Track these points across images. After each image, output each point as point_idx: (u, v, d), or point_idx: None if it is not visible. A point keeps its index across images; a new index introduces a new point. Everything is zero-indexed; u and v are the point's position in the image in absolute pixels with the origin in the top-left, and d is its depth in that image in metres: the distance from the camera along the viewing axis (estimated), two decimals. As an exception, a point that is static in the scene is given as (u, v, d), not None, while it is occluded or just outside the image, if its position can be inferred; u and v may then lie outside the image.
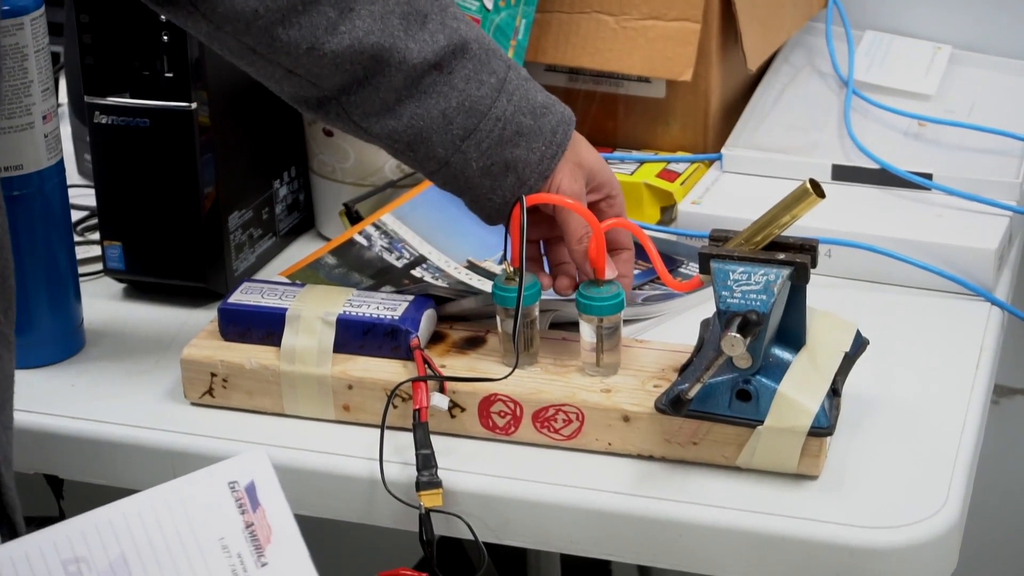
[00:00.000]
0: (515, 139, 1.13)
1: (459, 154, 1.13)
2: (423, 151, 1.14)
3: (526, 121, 1.14)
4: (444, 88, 1.12)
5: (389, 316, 1.17)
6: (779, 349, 1.09)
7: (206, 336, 1.21)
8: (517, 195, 1.14)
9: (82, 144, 1.54)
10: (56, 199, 1.24)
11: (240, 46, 1.11)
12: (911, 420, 1.16)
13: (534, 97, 1.15)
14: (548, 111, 1.15)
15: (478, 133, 1.13)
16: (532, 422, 1.13)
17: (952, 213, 1.38)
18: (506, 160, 1.14)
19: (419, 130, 1.13)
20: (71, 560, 0.85)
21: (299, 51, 1.09)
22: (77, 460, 1.19)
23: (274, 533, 0.88)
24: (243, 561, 0.87)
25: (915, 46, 1.61)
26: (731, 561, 1.07)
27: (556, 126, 1.15)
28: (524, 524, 1.11)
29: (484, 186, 1.15)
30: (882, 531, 1.05)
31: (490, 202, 1.15)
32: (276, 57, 1.10)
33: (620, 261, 1.17)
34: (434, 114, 1.12)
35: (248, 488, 0.89)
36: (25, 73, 1.19)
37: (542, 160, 1.14)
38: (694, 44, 1.43)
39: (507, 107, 1.13)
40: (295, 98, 1.15)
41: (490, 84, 1.13)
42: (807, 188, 1.06)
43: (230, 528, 0.87)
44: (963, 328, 1.28)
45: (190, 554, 0.86)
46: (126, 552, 0.86)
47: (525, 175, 1.14)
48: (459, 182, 1.15)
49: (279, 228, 1.42)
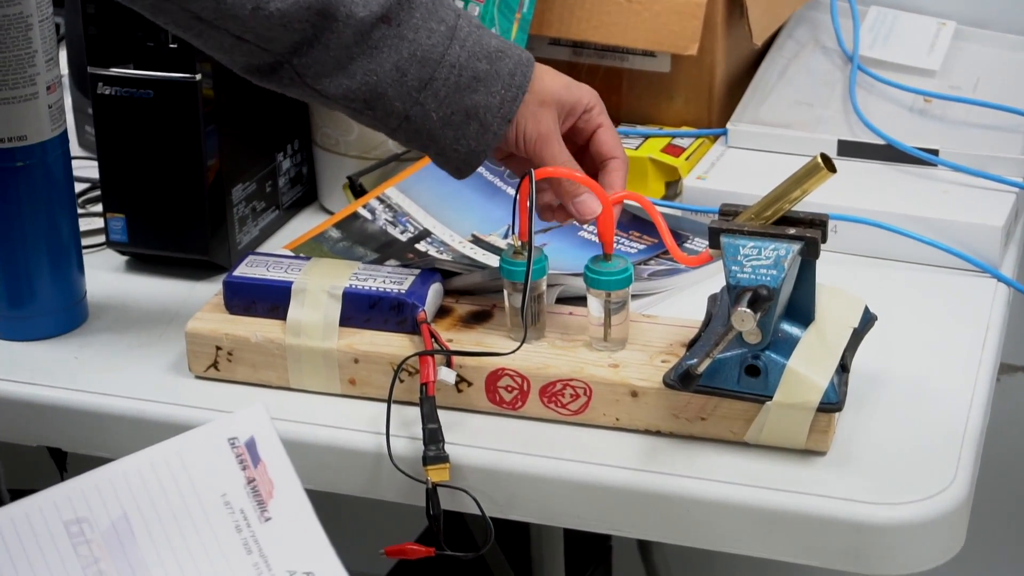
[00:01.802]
0: (473, 85, 1.12)
1: (417, 106, 1.12)
2: (381, 108, 1.13)
3: (482, 66, 1.13)
4: (394, 40, 1.11)
5: (395, 290, 1.16)
6: (788, 325, 1.09)
7: (211, 309, 1.20)
8: (482, 143, 1.13)
9: (82, 116, 1.53)
10: (59, 170, 1.23)
11: (186, 15, 1.09)
12: (919, 397, 1.15)
13: (488, 42, 1.14)
14: (504, 55, 1.14)
15: (434, 83, 1.12)
16: (539, 397, 1.13)
17: (958, 189, 1.37)
18: (466, 107, 1.13)
19: (373, 86, 1.12)
20: (72, 520, 0.85)
21: (244, 12, 1.08)
22: (81, 433, 1.19)
23: (276, 488, 0.88)
24: (246, 516, 0.87)
25: (920, 21, 1.61)
26: (738, 537, 1.07)
27: (514, 68, 1.13)
28: (530, 499, 1.10)
29: (447, 136, 1.13)
30: (890, 507, 1.04)
31: (456, 153, 1.14)
32: (223, 23, 1.09)
33: (609, 171, 1.16)
34: (387, 67, 1.11)
35: (248, 444, 0.89)
36: (29, 43, 1.18)
37: (503, 104, 1.13)
38: (699, 18, 1.43)
39: (460, 53, 1.12)
40: (247, 68, 1.14)
41: (440, 32, 1.12)
42: (818, 162, 1.06)
43: (232, 484, 0.87)
44: (969, 305, 1.27)
45: (192, 511, 0.86)
46: (128, 511, 0.85)
47: (487, 120, 1.13)
48: (422, 136, 1.14)
49: (282, 201, 1.41)
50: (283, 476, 0.88)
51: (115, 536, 0.84)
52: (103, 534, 0.84)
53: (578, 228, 1.34)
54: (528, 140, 1.14)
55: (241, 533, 0.86)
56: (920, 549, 1.05)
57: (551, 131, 1.15)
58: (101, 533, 0.84)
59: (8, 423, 1.19)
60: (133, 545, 0.84)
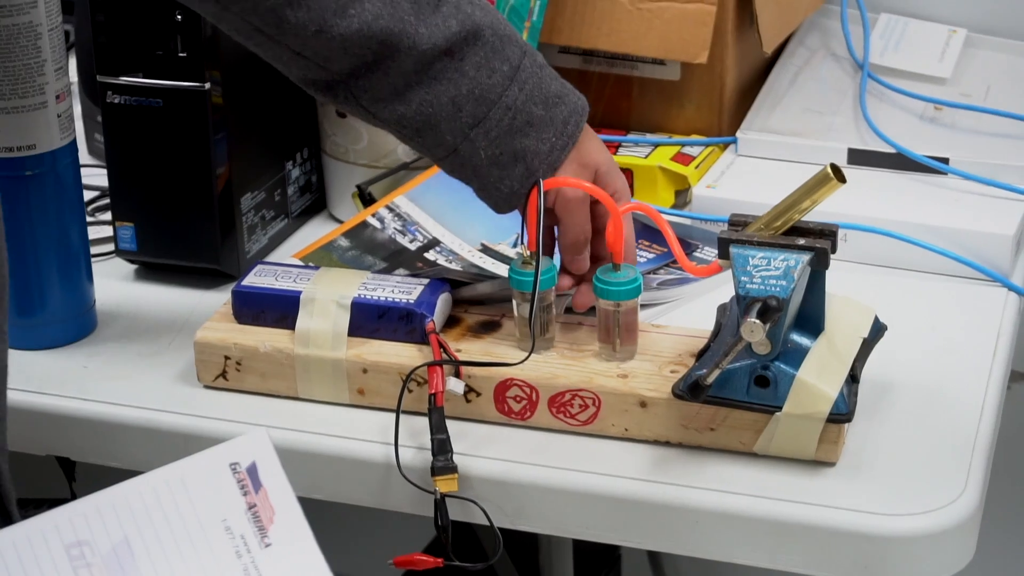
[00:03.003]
0: (525, 129, 1.12)
1: (467, 142, 1.12)
2: (431, 137, 1.13)
3: (537, 111, 1.13)
4: (454, 75, 1.11)
5: (404, 299, 1.16)
6: (798, 335, 1.09)
7: (219, 318, 1.20)
8: (526, 185, 1.13)
9: (92, 124, 1.53)
10: (69, 179, 1.23)
11: (247, 26, 1.10)
12: (929, 406, 1.15)
13: (548, 86, 1.14)
14: (561, 101, 1.14)
15: (487, 122, 1.12)
16: (548, 407, 1.13)
17: (969, 198, 1.37)
18: (515, 150, 1.13)
19: (428, 116, 1.12)
20: (74, 543, 0.84)
21: (307, 33, 1.08)
22: (89, 442, 1.19)
23: (277, 514, 0.88)
24: (246, 542, 0.87)
25: (930, 29, 1.60)
26: (748, 548, 1.07)
27: (568, 116, 1.14)
28: (539, 510, 1.10)
29: (492, 175, 1.14)
30: (901, 518, 1.04)
31: (498, 191, 1.14)
32: (284, 39, 1.09)
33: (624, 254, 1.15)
34: (443, 100, 1.11)
35: (250, 469, 0.89)
36: (39, 52, 1.18)
37: (552, 151, 1.13)
38: (710, 26, 1.42)
39: (519, 96, 1.12)
40: (304, 80, 1.14)
41: (502, 72, 1.12)
42: (828, 173, 1.06)
43: (233, 510, 0.87)
44: (980, 314, 1.27)
45: (193, 536, 0.86)
46: (128, 534, 0.85)
47: (534, 166, 1.13)
48: (467, 170, 1.14)
49: (291, 210, 1.41)
50: (284, 502, 0.88)
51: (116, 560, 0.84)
52: (104, 557, 0.84)
53: (587, 237, 1.33)
54: (561, 196, 1.14)
55: (241, 559, 0.86)
56: (930, 560, 1.05)
57: (584, 197, 1.15)
58: (102, 556, 0.84)
59: (16, 432, 1.19)
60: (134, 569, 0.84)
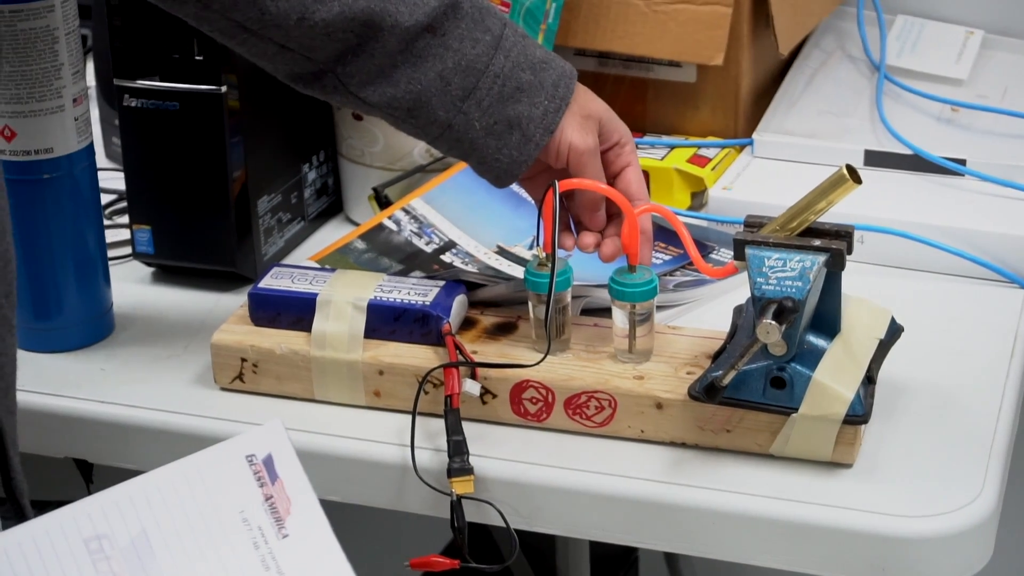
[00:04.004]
0: (516, 95, 1.12)
1: (460, 115, 1.12)
2: (424, 116, 1.13)
3: (526, 76, 1.13)
4: (439, 50, 1.11)
5: (420, 302, 1.16)
6: (814, 336, 1.08)
7: (236, 321, 1.20)
8: (524, 152, 1.13)
9: (110, 127, 1.54)
10: (86, 182, 1.23)
11: (230, 24, 1.09)
12: (946, 408, 1.15)
13: (532, 53, 1.14)
14: (548, 66, 1.14)
15: (478, 92, 1.12)
16: (564, 409, 1.13)
17: (986, 199, 1.37)
18: (509, 117, 1.13)
19: (417, 94, 1.12)
20: (92, 537, 0.85)
21: (289, 23, 1.08)
22: (107, 444, 1.19)
23: (293, 505, 0.88)
24: (264, 533, 0.87)
25: (947, 30, 1.60)
26: (764, 550, 1.07)
27: (558, 80, 1.13)
28: (555, 511, 1.10)
29: (489, 146, 1.13)
30: (918, 520, 1.04)
31: (497, 163, 1.14)
32: (267, 32, 1.09)
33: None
34: (431, 76, 1.11)
35: (266, 461, 0.89)
36: (55, 56, 1.19)
37: (546, 115, 1.13)
38: (725, 28, 1.42)
39: (505, 63, 1.12)
40: (290, 76, 1.14)
41: (485, 42, 1.12)
42: (844, 174, 1.05)
43: (249, 501, 0.87)
44: (997, 315, 1.27)
45: (211, 528, 0.86)
46: (147, 528, 0.86)
47: (530, 131, 1.13)
48: (464, 145, 1.14)
49: (307, 212, 1.41)
50: (300, 493, 0.88)
51: (134, 552, 0.84)
52: (122, 551, 0.85)
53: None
54: (573, 151, 1.14)
55: (259, 550, 0.86)
56: (947, 562, 1.05)
57: (595, 145, 1.15)
58: (120, 550, 0.85)
59: (34, 435, 1.20)
60: (152, 561, 0.85)
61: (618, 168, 1.17)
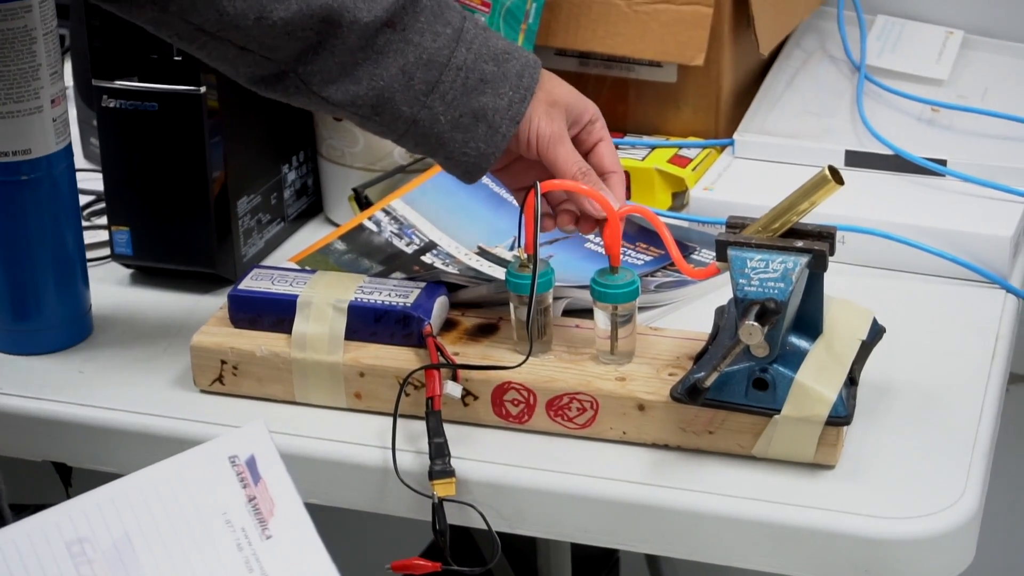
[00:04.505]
0: (480, 87, 1.12)
1: (425, 110, 1.12)
2: (388, 113, 1.12)
3: (489, 68, 1.12)
4: (400, 45, 1.11)
5: (401, 303, 1.16)
6: (796, 337, 1.08)
7: (216, 323, 1.19)
8: (492, 145, 1.13)
9: (88, 128, 1.53)
10: (65, 184, 1.23)
11: (188, 28, 1.09)
12: (928, 409, 1.15)
13: (495, 44, 1.13)
14: (511, 56, 1.13)
15: (441, 85, 1.11)
16: (546, 410, 1.12)
17: (966, 200, 1.37)
18: (474, 109, 1.12)
19: (380, 91, 1.11)
20: (74, 541, 0.84)
21: (247, 23, 1.08)
22: (86, 447, 1.18)
23: (277, 506, 0.87)
24: (247, 535, 0.86)
25: (927, 31, 1.60)
26: (746, 551, 1.06)
27: (522, 70, 1.13)
28: (537, 513, 1.10)
29: (456, 140, 1.13)
30: (900, 521, 1.04)
31: (465, 156, 1.14)
32: (226, 34, 1.08)
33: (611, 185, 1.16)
34: (393, 72, 1.11)
35: (248, 462, 0.88)
36: (33, 56, 1.18)
37: (511, 105, 1.13)
38: (706, 28, 1.42)
39: (467, 56, 1.12)
40: (252, 78, 1.13)
41: (446, 35, 1.11)
42: (826, 175, 1.05)
43: (232, 502, 0.87)
44: (978, 316, 1.27)
45: (194, 530, 0.86)
46: (129, 530, 0.85)
47: (496, 122, 1.13)
48: (430, 140, 1.13)
49: (287, 213, 1.41)
50: (284, 494, 0.87)
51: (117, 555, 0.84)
52: (105, 553, 0.84)
53: (584, 240, 1.33)
54: (541, 139, 1.14)
55: (242, 551, 0.86)
56: (930, 563, 1.05)
57: (563, 131, 1.15)
58: (103, 552, 0.84)
59: (12, 438, 1.19)
60: (135, 564, 0.84)
61: (590, 145, 1.17)
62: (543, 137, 1.14)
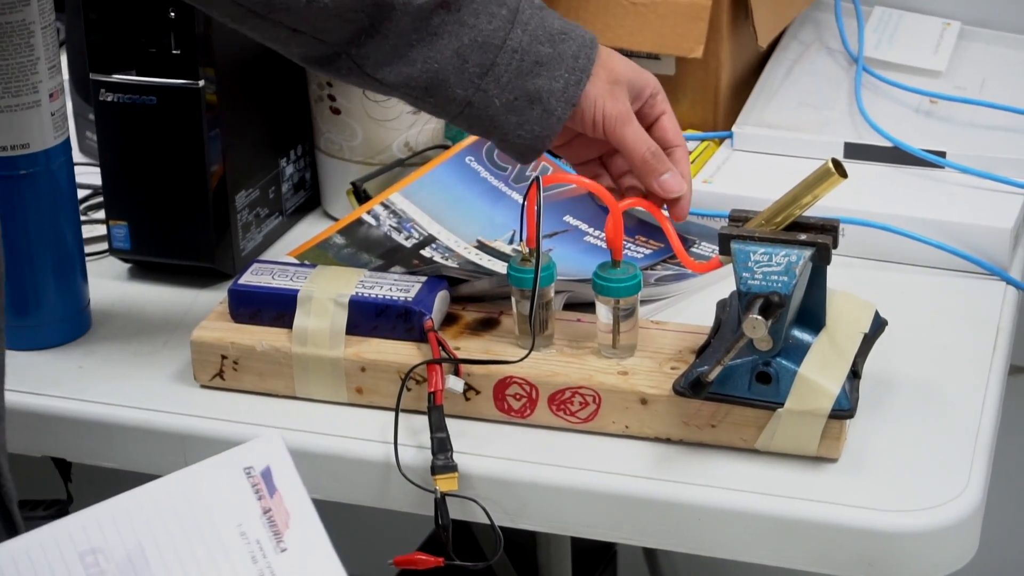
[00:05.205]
0: (535, 69, 1.10)
1: (479, 92, 1.10)
2: (441, 95, 1.11)
3: (544, 49, 1.10)
4: (454, 26, 1.09)
5: (402, 297, 1.15)
6: (799, 331, 1.08)
7: (216, 318, 1.19)
8: (547, 128, 1.11)
9: (84, 122, 1.53)
10: (63, 178, 1.22)
11: (239, 10, 1.08)
12: (930, 402, 1.15)
13: (551, 24, 1.11)
14: (567, 36, 1.11)
15: (496, 68, 1.10)
16: (548, 405, 1.12)
17: (966, 191, 1.37)
18: (529, 92, 1.10)
19: (434, 73, 1.10)
20: (88, 551, 0.84)
21: (299, 5, 1.06)
22: (85, 443, 1.18)
23: (292, 518, 0.87)
24: (262, 547, 0.86)
25: (924, 22, 1.60)
26: (750, 545, 1.06)
27: (578, 51, 1.11)
28: (540, 508, 1.10)
29: (510, 122, 1.11)
30: (903, 514, 1.04)
31: (519, 138, 1.12)
32: (277, 16, 1.07)
33: (675, 160, 1.15)
34: (447, 54, 1.09)
35: (264, 473, 0.88)
36: (32, 50, 1.17)
37: (567, 88, 1.11)
38: (705, 20, 1.42)
39: (522, 37, 1.10)
40: (305, 58, 1.12)
41: (501, 16, 1.10)
42: (829, 168, 1.05)
43: (247, 514, 0.86)
44: (979, 308, 1.27)
45: (208, 541, 0.85)
46: (143, 541, 0.85)
47: (551, 105, 1.11)
48: (484, 122, 1.12)
49: (286, 207, 1.40)
50: (299, 506, 0.87)
51: (130, 566, 0.83)
52: (118, 564, 0.83)
53: (584, 233, 1.33)
54: (607, 119, 1.12)
55: (257, 564, 0.85)
56: (933, 556, 1.05)
57: (629, 110, 1.13)
58: (116, 563, 0.83)
59: (11, 433, 1.17)
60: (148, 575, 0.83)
61: (653, 118, 1.16)
62: (609, 118, 1.12)
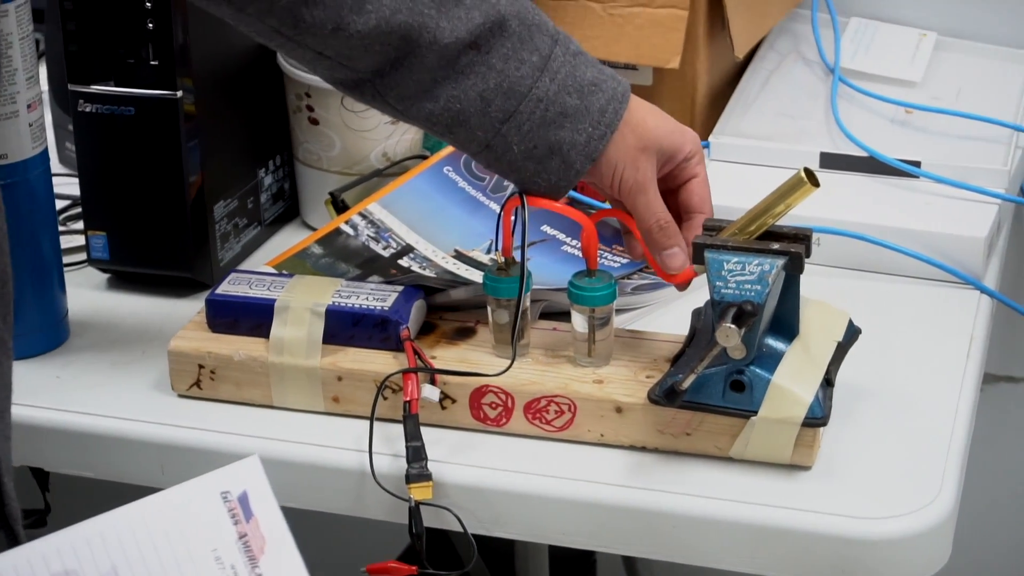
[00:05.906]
0: (559, 120, 1.09)
1: (499, 137, 1.09)
2: (463, 134, 1.10)
3: (571, 101, 1.09)
4: (481, 68, 1.08)
5: (379, 307, 1.16)
6: (772, 339, 1.09)
7: (193, 327, 1.19)
8: (565, 178, 1.11)
9: (63, 132, 1.53)
10: (41, 189, 1.22)
11: (266, 28, 1.08)
12: (903, 410, 1.15)
13: (582, 74, 1.10)
14: (597, 88, 1.10)
15: (518, 116, 1.09)
16: (524, 413, 1.13)
17: (941, 201, 1.37)
18: (550, 143, 1.09)
19: (456, 112, 1.09)
20: (61, 573, 0.84)
21: (324, 32, 1.06)
22: (63, 452, 1.18)
23: (268, 543, 0.87)
24: (236, 572, 0.86)
25: (900, 33, 1.61)
26: (724, 552, 1.07)
27: (606, 104, 1.10)
28: (515, 516, 1.10)
29: (528, 169, 1.11)
30: (876, 521, 1.04)
31: (536, 185, 1.11)
32: (302, 39, 1.07)
33: (694, 227, 1.14)
34: (471, 96, 1.08)
35: (241, 498, 0.88)
36: (10, 61, 1.18)
37: (589, 141, 1.10)
38: (681, 31, 1.43)
39: (550, 87, 1.09)
40: (332, 80, 1.12)
41: (531, 63, 1.08)
42: (802, 177, 1.06)
43: (223, 539, 0.86)
44: (953, 316, 1.27)
45: (183, 566, 0.85)
46: (117, 565, 0.84)
47: (571, 158, 1.10)
48: (503, 165, 1.11)
49: (264, 217, 1.41)
50: (275, 531, 0.87)
51: None
52: None
53: (561, 243, 1.34)
54: (624, 185, 1.11)
55: None
56: (906, 563, 1.05)
57: (648, 180, 1.12)
58: None
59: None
60: None
61: (682, 181, 1.14)
62: (626, 184, 1.11)
